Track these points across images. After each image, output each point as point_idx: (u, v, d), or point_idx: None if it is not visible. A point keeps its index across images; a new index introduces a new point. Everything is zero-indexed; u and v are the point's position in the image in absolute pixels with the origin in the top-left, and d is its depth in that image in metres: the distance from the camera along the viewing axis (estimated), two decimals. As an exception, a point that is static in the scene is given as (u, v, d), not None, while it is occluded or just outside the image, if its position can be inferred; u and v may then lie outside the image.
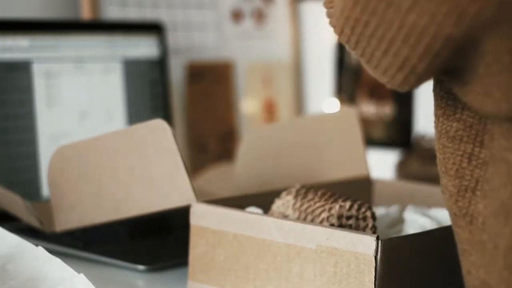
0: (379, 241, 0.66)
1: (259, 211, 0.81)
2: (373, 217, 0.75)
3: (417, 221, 0.82)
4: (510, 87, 0.55)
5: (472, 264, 0.60)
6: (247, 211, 0.80)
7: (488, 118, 0.59)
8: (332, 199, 0.76)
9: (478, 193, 0.59)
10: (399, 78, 0.58)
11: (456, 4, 0.54)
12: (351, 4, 0.58)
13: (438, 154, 0.63)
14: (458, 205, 0.61)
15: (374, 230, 0.75)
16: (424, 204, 0.90)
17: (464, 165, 0.60)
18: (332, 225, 0.74)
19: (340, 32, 0.60)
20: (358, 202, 0.76)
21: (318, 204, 0.76)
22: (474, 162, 0.59)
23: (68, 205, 0.89)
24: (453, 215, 0.62)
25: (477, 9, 0.54)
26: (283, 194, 0.80)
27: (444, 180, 0.62)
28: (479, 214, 0.59)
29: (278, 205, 0.79)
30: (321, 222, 0.75)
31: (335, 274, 0.69)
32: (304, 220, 0.76)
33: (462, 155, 0.60)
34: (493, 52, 0.55)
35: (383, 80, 0.60)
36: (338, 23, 0.60)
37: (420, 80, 0.58)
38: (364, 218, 0.75)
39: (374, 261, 0.67)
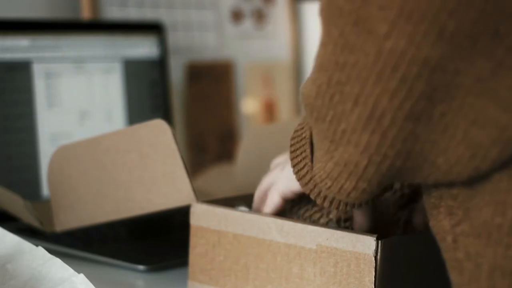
0: (379, 241, 0.67)
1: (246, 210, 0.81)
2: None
3: None
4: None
5: (453, 282, 0.60)
6: (247, 211, 0.80)
7: None
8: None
9: (441, 209, 0.59)
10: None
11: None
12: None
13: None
14: (430, 224, 0.61)
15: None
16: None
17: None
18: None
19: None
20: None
21: (315, 209, 0.76)
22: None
23: (68, 205, 0.89)
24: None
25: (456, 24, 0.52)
26: None
27: (423, 196, 0.62)
28: (446, 232, 0.58)
29: None
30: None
31: (335, 274, 0.69)
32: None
33: None
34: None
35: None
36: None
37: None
38: None
39: (374, 261, 0.67)
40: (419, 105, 0.54)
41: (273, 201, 0.76)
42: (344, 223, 0.74)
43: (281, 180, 0.75)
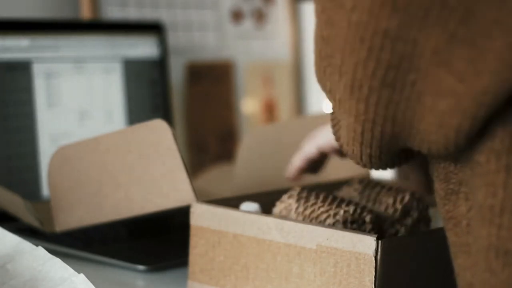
0: (379, 241, 0.67)
1: (255, 205, 0.81)
2: (372, 221, 0.75)
3: None
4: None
5: (459, 266, 0.61)
6: (247, 211, 0.80)
7: None
8: (335, 204, 0.76)
9: (461, 195, 0.60)
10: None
11: None
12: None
13: (431, 160, 0.64)
14: (445, 209, 0.62)
15: (374, 232, 0.75)
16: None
17: (451, 168, 0.61)
18: None
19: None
20: (361, 206, 0.76)
21: (322, 209, 0.76)
22: (459, 165, 0.60)
23: (68, 205, 0.89)
24: (442, 218, 0.63)
25: None
26: (285, 197, 0.80)
27: (435, 184, 0.63)
28: (462, 217, 0.60)
29: (280, 208, 0.79)
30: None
31: (335, 274, 0.69)
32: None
33: (450, 159, 0.60)
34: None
35: None
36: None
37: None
38: (364, 222, 0.75)
39: (374, 261, 0.67)
40: (390, 74, 0.57)
41: (309, 149, 0.81)
42: (351, 225, 0.74)
43: (320, 137, 0.80)
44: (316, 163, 0.92)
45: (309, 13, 1.60)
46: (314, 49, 0.63)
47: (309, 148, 0.82)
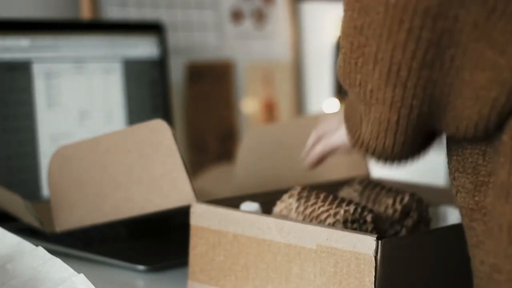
0: (379, 241, 0.67)
1: (255, 205, 0.81)
2: (373, 220, 0.75)
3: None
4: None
5: (485, 253, 0.62)
6: (247, 211, 0.80)
7: None
8: (335, 203, 0.76)
9: (490, 185, 0.61)
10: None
11: None
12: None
13: (454, 157, 0.65)
14: (475, 200, 0.63)
15: (375, 232, 0.75)
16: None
17: (480, 161, 0.62)
18: None
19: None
20: (361, 205, 0.76)
21: (322, 209, 0.76)
22: (487, 158, 0.61)
23: (68, 205, 0.89)
24: (469, 210, 0.63)
25: None
26: (285, 196, 0.80)
27: (461, 180, 0.64)
28: (490, 204, 0.61)
29: (280, 208, 0.79)
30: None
31: (335, 274, 0.69)
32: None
33: (478, 153, 0.62)
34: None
35: None
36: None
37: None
38: (365, 222, 0.75)
39: (374, 261, 0.67)
40: (430, 53, 0.58)
41: (324, 149, 0.81)
42: (351, 225, 0.74)
43: (336, 137, 0.81)
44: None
45: (309, 13, 1.60)
46: (344, 42, 0.62)
47: (324, 146, 0.81)
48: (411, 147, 0.63)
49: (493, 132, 0.59)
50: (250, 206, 0.81)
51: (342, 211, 0.75)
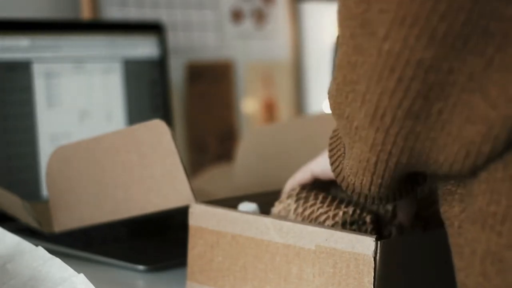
0: (378, 242, 0.67)
1: (253, 205, 0.81)
2: (373, 221, 0.75)
3: None
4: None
5: (455, 267, 0.61)
6: (245, 211, 0.80)
7: None
8: (334, 204, 0.76)
9: (456, 196, 0.60)
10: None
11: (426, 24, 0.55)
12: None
13: None
14: (442, 209, 0.62)
15: (374, 233, 0.75)
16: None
17: None
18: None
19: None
20: (360, 206, 0.76)
21: (321, 210, 0.76)
22: None
23: (67, 206, 0.89)
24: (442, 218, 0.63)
25: (446, 27, 0.54)
26: (283, 197, 0.80)
27: (436, 183, 0.64)
28: (455, 218, 0.60)
29: (279, 209, 0.79)
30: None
31: (334, 275, 0.69)
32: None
33: None
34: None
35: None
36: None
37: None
38: (364, 223, 0.75)
39: (373, 261, 0.67)
40: (417, 104, 0.56)
41: (303, 175, 0.81)
42: (350, 226, 0.74)
43: (317, 163, 0.80)
44: None
45: (309, 13, 1.60)
46: (338, 73, 0.62)
47: (303, 174, 0.81)
48: (388, 190, 0.63)
49: None
50: (248, 206, 0.81)
51: (341, 213, 0.75)
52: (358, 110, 0.59)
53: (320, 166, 0.80)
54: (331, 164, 0.69)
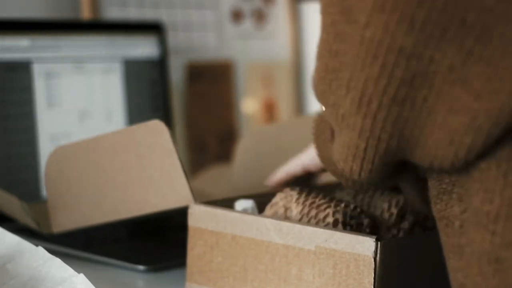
0: (379, 243, 0.67)
1: (250, 201, 0.81)
2: (370, 225, 0.75)
3: None
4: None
5: (451, 267, 0.61)
6: (245, 211, 0.80)
7: None
8: (335, 201, 0.76)
9: (454, 195, 0.60)
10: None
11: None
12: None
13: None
14: (437, 208, 0.62)
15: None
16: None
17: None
18: (336, 220, 0.74)
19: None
20: (361, 208, 0.76)
21: (321, 208, 0.76)
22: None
23: (65, 206, 0.89)
24: (434, 217, 0.63)
25: (425, 12, 0.55)
26: (282, 195, 0.79)
27: (428, 182, 0.64)
28: (455, 218, 0.60)
29: (277, 208, 0.79)
30: (325, 216, 0.75)
31: (334, 276, 0.69)
32: (308, 213, 0.76)
33: None
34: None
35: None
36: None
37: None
38: (362, 224, 0.75)
39: (373, 262, 0.67)
40: (402, 91, 0.57)
41: (293, 165, 0.81)
42: (350, 220, 0.74)
43: (305, 154, 0.80)
44: (302, 178, 0.91)
45: (309, 13, 1.60)
46: (319, 62, 0.62)
47: (293, 164, 0.81)
48: (378, 175, 0.62)
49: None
50: (244, 203, 0.81)
51: (342, 205, 0.75)
52: (343, 97, 0.59)
53: (309, 155, 0.80)
54: (316, 147, 0.69)
